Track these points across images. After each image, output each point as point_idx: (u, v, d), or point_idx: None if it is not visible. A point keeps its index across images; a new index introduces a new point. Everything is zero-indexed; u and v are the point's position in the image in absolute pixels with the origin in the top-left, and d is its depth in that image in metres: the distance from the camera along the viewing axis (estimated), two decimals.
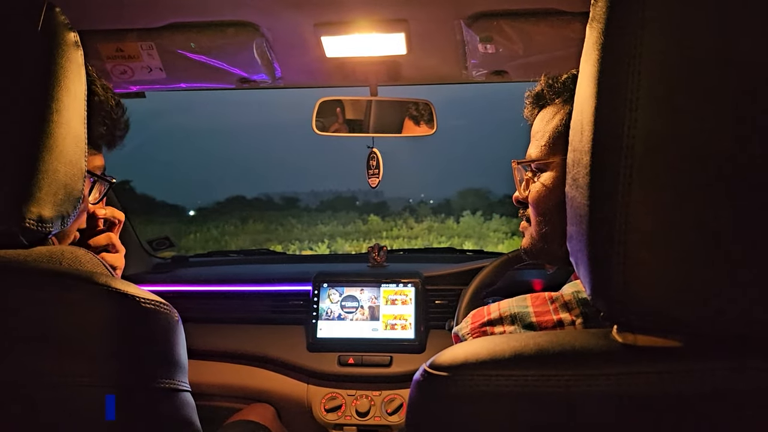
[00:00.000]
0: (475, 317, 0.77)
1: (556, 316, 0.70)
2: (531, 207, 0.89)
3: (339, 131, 1.64)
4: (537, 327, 0.70)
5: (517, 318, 0.72)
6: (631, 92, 0.49)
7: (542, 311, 0.72)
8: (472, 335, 0.75)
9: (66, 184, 0.71)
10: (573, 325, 0.69)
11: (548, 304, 0.73)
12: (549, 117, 0.87)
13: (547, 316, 0.71)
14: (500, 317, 0.74)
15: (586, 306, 0.70)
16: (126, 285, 0.67)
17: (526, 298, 0.75)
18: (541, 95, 0.90)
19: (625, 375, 0.52)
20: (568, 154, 0.59)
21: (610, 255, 0.50)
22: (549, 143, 0.86)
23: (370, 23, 1.28)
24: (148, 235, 2.14)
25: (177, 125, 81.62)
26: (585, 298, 0.70)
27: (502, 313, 0.74)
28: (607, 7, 0.51)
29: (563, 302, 0.72)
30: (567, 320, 0.70)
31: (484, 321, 0.75)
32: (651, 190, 0.49)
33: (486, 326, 0.74)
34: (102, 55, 1.38)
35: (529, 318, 0.71)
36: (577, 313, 0.70)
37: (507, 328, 0.72)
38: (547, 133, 0.86)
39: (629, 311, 0.52)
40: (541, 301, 0.73)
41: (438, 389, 0.56)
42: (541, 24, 1.25)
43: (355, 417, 1.66)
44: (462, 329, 0.78)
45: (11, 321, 0.62)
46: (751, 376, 0.51)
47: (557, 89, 0.88)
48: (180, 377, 0.71)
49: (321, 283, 1.81)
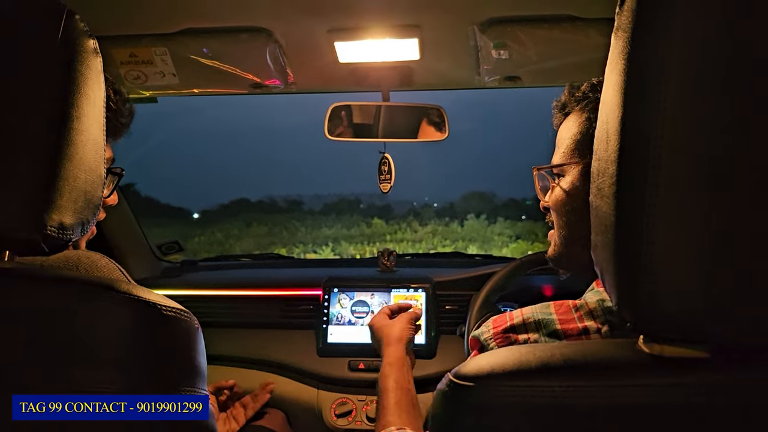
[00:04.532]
0: (496, 322, 0.77)
1: (581, 324, 0.70)
2: (552, 212, 0.91)
3: (348, 135, 1.64)
4: (562, 335, 0.70)
5: (541, 325, 0.72)
6: (659, 101, 0.48)
7: (567, 319, 0.71)
8: (495, 340, 0.75)
9: (86, 191, 0.71)
10: (599, 333, 0.69)
11: (572, 312, 0.72)
12: (570, 125, 0.89)
13: (572, 324, 0.71)
14: (524, 323, 0.73)
15: (611, 314, 0.70)
16: (147, 292, 0.66)
17: (549, 305, 0.75)
18: (565, 104, 0.92)
19: (653, 386, 0.52)
20: (592, 163, 0.59)
21: (637, 265, 0.50)
22: (568, 150, 0.88)
23: (383, 29, 1.28)
24: (152, 238, 2.15)
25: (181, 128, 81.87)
26: (610, 307, 0.70)
27: (525, 319, 0.74)
28: (633, 16, 0.51)
29: (588, 310, 0.72)
30: (593, 328, 0.69)
31: (506, 326, 0.75)
32: (678, 200, 0.48)
33: (509, 332, 0.74)
34: (116, 61, 1.38)
35: (554, 325, 0.71)
36: (603, 320, 0.70)
37: (531, 335, 0.72)
38: (567, 140, 0.88)
39: (656, 322, 0.51)
40: (565, 309, 0.73)
41: (463, 399, 0.55)
42: (554, 30, 1.25)
43: (365, 422, 1.65)
44: (483, 334, 0.77)
45: (33, 330, 0.62)
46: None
47: (578, 97, 0.89)
48: (200, 384, 0.71)
49: (331, 287, 1.81)
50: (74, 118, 0.68)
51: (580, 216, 0.84)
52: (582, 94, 0.88)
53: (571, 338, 0.69)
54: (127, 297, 0.64)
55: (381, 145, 1.65)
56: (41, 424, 0.61)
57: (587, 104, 0.86)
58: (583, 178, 0.85)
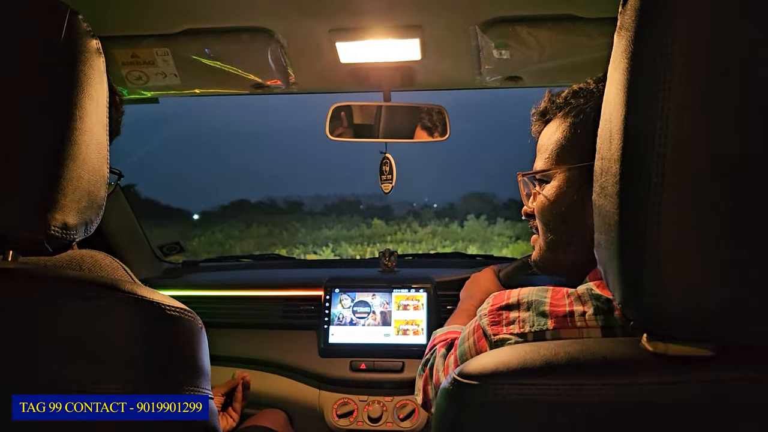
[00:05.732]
0: (495, 299, 0.80)
1: (569, 308, 0.73)
2: (537, 217, 0.92)
3: (350, 136, 1.64)
4: (548, 315, 0.72)
5: (533, 305, 0.75)
6: (662, 100, 0.48)
7: (558, 303, 0.74)
8: (488, 316, 0.78)
9: (89, 191, 0.71)
10: (583, 317, 0.71)
11: (565, 297, 0.75)
12: (552, 131, 0.91)
13: (561, 306, 0.73)
14: (518, 302, 0.76)
15: (598, 300, 0.72)
16: (151, 292, 0.67)
17: (548, 289, 0.77)
18: (545, 111, 0.94)
19: (657, 384, 0.52)
20: (595, 162, 0.59)
21: (641, 264, 0.50)
22: (552, 155, 0.89)
23: (385, 29, 1.28)
24: (153, 239, 2.15)
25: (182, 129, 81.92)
26: (597, 294, 0.73)
27: (520, 299, 0.77)
28: (637, 15, 0.51)
29: (577, 296, 0.74)
30: (578, 311, 0.72)
31: (502, 305, 0.78)
32: (682, 198, 0.48)
33: (503, 310, 0.77)
34: (117, 61, 1.38)
35: (544, 306, 0.74)
36: (589, 305, 0.72)
37: (522, 314, 0.75)
38: (551, 146, 0.89)
39: (660, 320, 0.51)
40: (560, 295, 0.76)
41: (467, 398, 0.55)
42: (556, 30, 1.25)
43: (367, 423, 1.65)
44: (482, 309, 0.80)
45: (37, 329, 0.62)
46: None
47: (559, 104, 0.91)
48: (203, 384, 0.71)
49: (333, 288, 1.80)
50: (77, 118, 0.68)
51: (566, 220, 0.86)
52: (563, 101, 0.90)
53: (557, 319, 0.72)
54: (130, 296, 0.64)
55: (382, 146, 1.65)
56: (42, 424, 0.61)
57: (570, 110, 0.88)
58: (568, 183, 0.86)
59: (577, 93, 0.88)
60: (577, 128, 0.85)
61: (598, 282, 0.76)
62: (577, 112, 0.85)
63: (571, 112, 0.87)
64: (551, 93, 0.94)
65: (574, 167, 0.85)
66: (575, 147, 0.85)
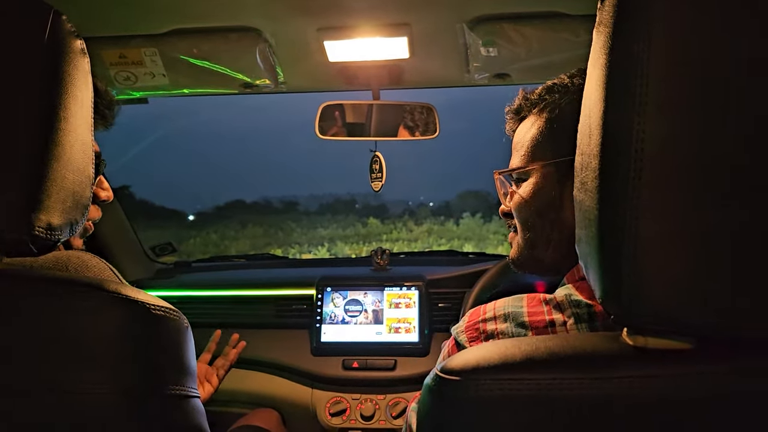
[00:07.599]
0: (471, 316, 0.78)
1: (549, 317, 0.72)
2: (515, 215, 0.91)
3: (340, 135, 1.64)
4: (528, 326, 0.71)
5: (510, 317, 0.73)
6: (640, 95, 0.49)
7: (536, 312, 0.73)
8: (465, 332, 0.76)
9: (74, 191, 0.71)
10: (564, 326, 0.70)
11: (542, 305, 0.74)
12: (527, 128, 0.90)
13: (540, 316, 0.72)
14: (494, 316, 0.75)
15: (577, 307, 0.71)
16: (136, 292, 0.67)
17: (522, 298, 0.76)
18: (520, 109, 0.93)
19: (637, 378, 0.52)
20: (576, 157, 0.59)
21: (620, 258, 0.50)
22: (528, 152, 0.88)
23: (373, 28, 1.29)
24: (148, 241, 2.14)
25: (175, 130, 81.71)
26: (577, 300, 0.72)
27: (496, 312, 0.75)
28: (614, 12, 0.51)
29: (556, 303, 0.73)
30: (559, 321, 0.71)
31: (478, 320, 0.76)
32: (660, 193, 0.49)
33: (479, 323, 0.75)
34: (105, 62, 1.38)
35: (522, 317, 0.73)
36: (569, 314, 0.71)
37: (499, 325, 0.73)
38: (526, 143, 0.89)
39: (640, 314, 0.52)
40: (536, 302, 0.74)
41: (449, 393, 0.56)
42: (543, 27, 1.26)
43: (359, 421, 1.66)
44: (457, 327, 0.79)
45: (22, 330, 0.62)
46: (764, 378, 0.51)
47: (533, 101, 0.90)
48: (190, 383, 0.71)
49: (324, 287, 1.81)
50: (62, 118, 0.68)
51: (543, 217, 0.86)
52: (538, 97, 0.89)
53: (537, 330, 0.71)
54: (115, 296, 0.64)
55: (372, 144, 1.66)
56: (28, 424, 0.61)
57: (545, 106, 0.87)
58: (545, 179, 0.85)
59: (552, 89, 0.87)
60: (553, 123, 0.85)
61: (577, 284, 0.76)
62: (552, 107, 0.85)
63: (546, 108, 0.86)
64: (525, 90, 0.93)
65: (551, 163, 0.84)
66: (551, 143, 0.85)
